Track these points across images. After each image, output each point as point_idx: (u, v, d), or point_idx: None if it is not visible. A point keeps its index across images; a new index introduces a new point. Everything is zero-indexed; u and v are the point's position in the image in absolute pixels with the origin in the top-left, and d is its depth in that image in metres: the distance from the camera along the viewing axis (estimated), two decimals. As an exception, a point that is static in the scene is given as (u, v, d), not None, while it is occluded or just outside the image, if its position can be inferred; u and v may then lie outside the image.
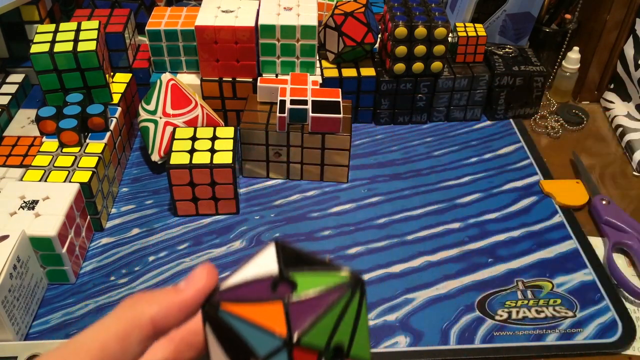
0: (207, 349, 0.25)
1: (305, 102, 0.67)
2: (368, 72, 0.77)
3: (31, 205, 0.56)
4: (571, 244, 0.64)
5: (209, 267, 0.25)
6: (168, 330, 0.23)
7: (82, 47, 0.66)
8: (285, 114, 0.67)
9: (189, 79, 0.77)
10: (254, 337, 0.22)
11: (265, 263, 0.25)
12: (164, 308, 0.23)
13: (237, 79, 0.75)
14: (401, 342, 0.54)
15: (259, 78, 0.73)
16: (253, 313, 0.23)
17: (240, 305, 0.23)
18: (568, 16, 0.88)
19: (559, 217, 0.67)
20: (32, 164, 0.62)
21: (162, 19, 0.75)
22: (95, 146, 0.64)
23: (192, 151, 0.64)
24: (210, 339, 0.24)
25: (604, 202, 0.67)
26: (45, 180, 0.60)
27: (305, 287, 0.24)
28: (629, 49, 0.81)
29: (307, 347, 0.22)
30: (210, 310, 0.24)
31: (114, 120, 0.68)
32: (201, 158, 0.63)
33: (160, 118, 0.69)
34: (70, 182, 0.60)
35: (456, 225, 0.66)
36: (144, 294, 0.23)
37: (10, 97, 0.77)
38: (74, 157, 0.63)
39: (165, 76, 0.71)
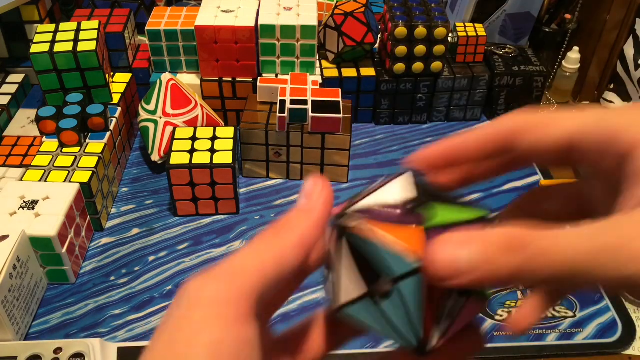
0: (333, 266, 0.24)
1: (305, 102, 0.67)
2: (368, 72, 0.77)
3: (31, 205, 0.56)
4: (571, 244, 0.64)
5: (321, 179, 0.24)
6: (312, 250, 0.23)
7: (82, 47, 0.66)
8: (285, 114, 0.67)
9: (189, 79, 0.77)
10: (388, 257, 0.22)
11: (400, 189, 0.24)
12: (304, 231, 0.22)
13: (237, 79, 0.75)
14: (401, 342, 0.54)
15: (259, 78, 0.73)
16: (392, 232, 0.22)
17: (378, 223, 0.22)
18: (568, 16, 0.88)
19: (559, 217, 0.67)
20: (32, 164, 0.62)
21: (162, 19, 0.75)
22: (95, 146, 0.64)
23: (192, 151, 0.64)
24: (340, 253, 0.24)
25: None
26: (45, 180, 0.60)
27: (443, 216, 0.23)
28: (629, 49, 0.81)
29: None
30: (344, 225, 0.23)
31: (114, 120, 0.68)
32: (201, 158, 0.63)
33: (160, 118, 0.69)
34: (70, 182, 0.60)
35: (456, 225, 0.66)
36: (278, 223, 0.23)
37: (10, 97, 0.77)
38: (74, 157, 0.63)
39: (165, 76, 0.71)
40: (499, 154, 0.25)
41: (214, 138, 0.66)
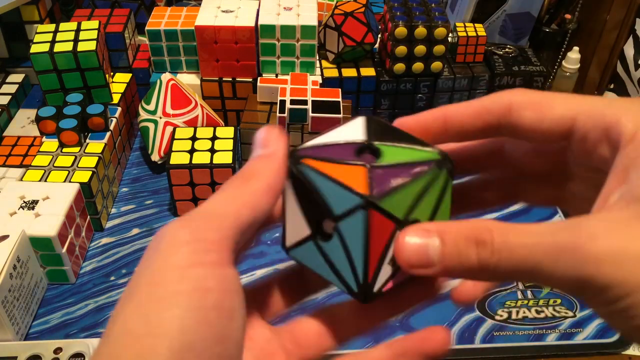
0: (283, 205, 0.24)
1: (305, 102, 0.67)
2: (368, 72, 0.77)
3: (31, 205, 0.56)
4: (571, 244, 0.64)
5: (274, 128, 0.24)
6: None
7: (82, 47, 0.66)
8: (285, 114, 0.67)
9: (189, 79, 0.77)
10: (332, 194, 0.22)
11: (351, 131, 0.24)
12: (271, 176, 0.22)
13: (237, 79, 0.75)
14: (401, 342, 0.54)
15: (259, 78, 0.73)
16: (334, 171, 0.22)
17: (322, 163, 0.23)
18: (568, 16, 0.88)
19: (558, 218, 0.67)
20: (32, 164, 0.62)
21: (162, 19, 0.75)
22: (95, 146, 0.64)
23: (192, 151, 0.64)
24: (287, 194, 0.24)
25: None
26: (45, 180, 0.60)
27: (390, 157, 0.23)
28: (629, 49, 0.81)
29: (384, 213, 0.22)
30: (291, 163, 0.23)
31: (114, 120, 0.68)
32: (201, 158, 0.63)
33: (160, 118, 0.69)
34: (70, 182, 0.60)
35: (456, 225, 0.66)
36: (242, 172, 0.22)
37: (10, 97, 0.77)
38: (74, 157, 0.63)
39: (165, 76, 0.71)
40: (494, 129, 0.24)
41: (214, 138, 0.66)
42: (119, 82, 0.74)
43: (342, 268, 0.23)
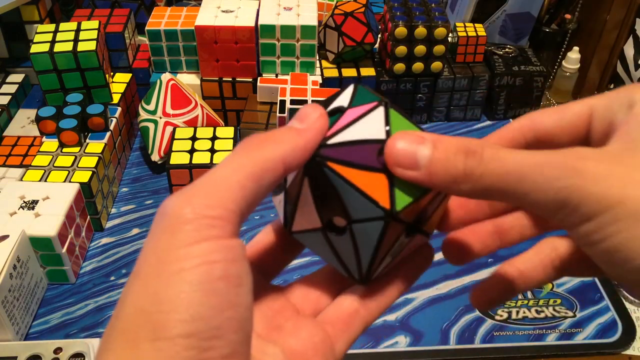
0: (292, 190, 0.25)
1: (305, 102, 0.67)
2: (368, 72, 0.77)
3: (31, 205, 0.56)
4: (571, 244, 0.64)
5: (319, 107, 0.24)
6: (293, 171, 0.23)
7: (82, 47, 0.66)
8: (285, 114, 0.67)
9: (189, 79, 0.77)
10: (353, 201, 0.23)
11: (372, 124, 0.24)
12: (290, 149, 0.22)
13: (237, 79, 0.75)
14: (401, 342, 0.54)
15: (259, 78, 0.73)
16: (357, 178, 0.23)
17: (345, 168, 0.23)
18: (568, 16, 0.88)
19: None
20: (32, 164, 0.62)
21: (162, 19, 0.75)
22: (95, 146, 0.64)
23: (192, 151, 0.64)
24: (303, 184, 0.24)
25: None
26: (45, 180, 0.60)
27: None
28: (629, 49, 0.81)
29: (400, 222, 0.23)
30: (317, 163, 0.23)
31: (114, 120, 0.68)
32: (201, 158, 0.63)
33: (160, 118, 0.69)
34: (70, 182, 0.60)
35: (456, 225, 0.66)
36: (266, 135, 0.22)
37: (10, 97, 0.77)
38: (74, 157, 0.63)
39: (165, 76, 0.71)
40: (526, 145, 0.25)
41: (214, 138, 0.66)
42: (119, 82, 0.74)
43: (348, 259, 0.25)
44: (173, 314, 0.18)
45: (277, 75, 0.76)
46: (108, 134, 0.66)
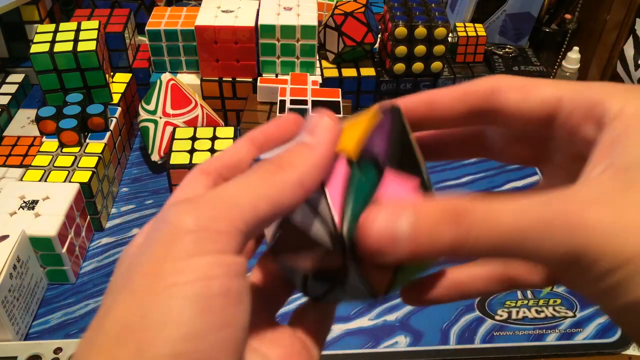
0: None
1: (305, 102, 0.67)
2: (368, 72, 0.77)
3: (31, 205, 0.56)
4: (571, 244, 0.64)
5: (328, 114, 0.22)
6: (313, 191, 0.21)
7: (82, 47, 0.66)
8: (286, 114, 0.67)
9: (189, 79, 0.77)
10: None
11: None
12: (306, 171, 0.20)
13: (237, 79, 0.75)
14: (401, 342, 0.54)
15: (259, 78, 0.73)
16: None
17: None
18: (568, 16, 0.88)
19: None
20: (32, 164, 0.62)
21: (162, 19, 0.75)
22: (95, 146, 0.64)
23: (192, 151, 0.64)
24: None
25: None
26: (45, 180, 0.60)
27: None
28: (629, 49, 0.81)
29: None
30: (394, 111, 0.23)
31: (114, 120, 0.68)
32: (201, 158, 0.63)
33: (160, 118, 0.69)
34: (70, 182, 0.60)
35: (456, 225, 0.66)
36: (279, 158, 0.21)
37: (10, 97, 0.77)
38: (74, 157, 0.63)
39: (165, 76, 0.71)
40: (478, 114, 0.23)
41: (214, 138, 0.66)
42: (119, 82, 0.74)
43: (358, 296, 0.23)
44: (161, 331, 0.17)
45: (277, 75, 0.76)
46: (108, 134, 0.66)
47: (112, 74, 0.75)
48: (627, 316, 0.18)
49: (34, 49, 0.66)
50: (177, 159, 0.63)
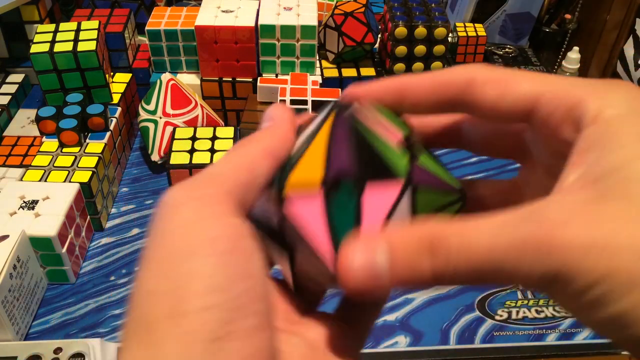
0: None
1: (305, 102, 0.67)
2: (368, 72, 0.77)
3: (31, 205, 0.56)
4: (571, 244, 0.64)
5: (280, 105, 0.25)
6: (282, 159, 0.23)
7: (82, 47, 0.66)
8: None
9: (189, 79, 0.77)
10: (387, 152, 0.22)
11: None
12: (269, 142, 0.23)
13: (237, 79, 0.75)
14: (401, 342, 0.54)
15: (259, 78, 0.74)
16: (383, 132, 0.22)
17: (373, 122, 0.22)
18: (568, 16, 0.88)
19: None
20: (32, 164, 0.62)
21: (162, 19, 0.75)
22: (95, 146, 0.64)
23: (192, 151, 0.64)
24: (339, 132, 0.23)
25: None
26: (45, 180, 0.60)
27: (427, 163, 0.23)
28: (629, 49, 0.81)
29: (413, 200, 0.22)
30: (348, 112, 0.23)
31: (114, 120, 0.68)
32: (201, 158, 0.63)
33: (160, 118, 0.69)
34: (70, 182, 0.60)
35: (456, 225, 0.66)
36: (243, 139, 0.23)
37: (10, 97, 0.77)
38: (74, 157, 0.63)
39: (165, 76, 0.71)
40: (452, 104, 0.23)
41: (214, 138, 0.66)
42: (119, 82, 0.74)
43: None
44: (189, 288, 0.18)
45: (277, 75, 0.76)
46: (108, 134, 0.66)
47: (112, 74, 0.75)
48: (606, 329, 0.18)
49: (34, 49, 0.66)
50: (177, 159, 0.63)
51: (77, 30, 0.69)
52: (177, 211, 0.19)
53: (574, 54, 0.84)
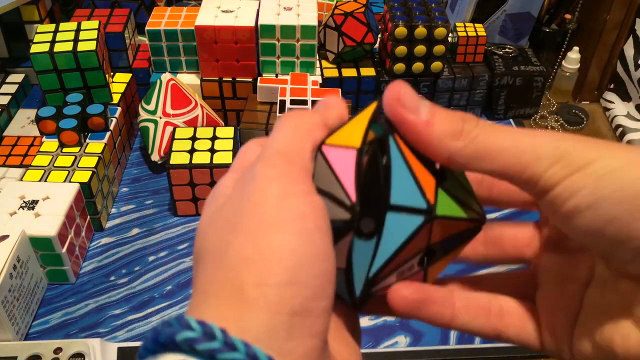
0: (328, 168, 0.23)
1: (305, 102, 0.67)
2: (368, 72, 0.77)
3: (31, 205, 0.56)
4: (571, 244, 0.64)
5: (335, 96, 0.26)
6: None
7: (82, 47, 0.66)
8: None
9: (189, 79, 0.77)
10: (401, 181, 0.22)
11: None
12: (323, 115, 0.24)
13: (237, 79, 0.75)
14: (401, 342, 0.54)
15: (259, 78, 0.73)
16: (413, 163, 0.22)
17: (407, 148, 0.22)
18: (568, 16, 0.88)
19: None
20: (32, 164, 0.62)
21: (162, 19, 0.75)
22: (95, 146, 0.64)
23: (192, 151, 0.64)
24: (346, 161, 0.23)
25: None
26: (45, 180, 0.60)
27: (452, 185, 0.23)
28: (629, 49, 0.81)
29: (432, 225, 0.22)
30: (381, 137, 0.23)
31: (114, 120, 0.68)
32: (201, 158, 0.63)
33: (160, 118, 0.69)
34: (70, 182, 0.60)
35: (456, 225, 0.65)
36: (297, 111, 0.24)
37: (10, 97, 0.77)
38: (74, 157, 0.63)
39: (165, 76, 0.71)
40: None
41: (214, 138, 0.66)
42: (119, 82, 0.74)
43: (358, 268, 0.23)
44: (277, 261, 0.19)
45: (277, 75, 0.76)
46: (108, 134, 0.66)
47: (112, 74, 0.75)
48: (570, 224, 0.21)
49: (34, 49, 0.66)
50: (177, 159, 0.63)
51: (77, 30, 0.69)
52: (269, 185, 0.20)
53: (574, 54, 0.84)
